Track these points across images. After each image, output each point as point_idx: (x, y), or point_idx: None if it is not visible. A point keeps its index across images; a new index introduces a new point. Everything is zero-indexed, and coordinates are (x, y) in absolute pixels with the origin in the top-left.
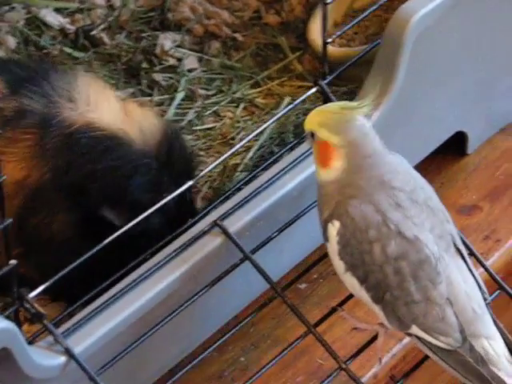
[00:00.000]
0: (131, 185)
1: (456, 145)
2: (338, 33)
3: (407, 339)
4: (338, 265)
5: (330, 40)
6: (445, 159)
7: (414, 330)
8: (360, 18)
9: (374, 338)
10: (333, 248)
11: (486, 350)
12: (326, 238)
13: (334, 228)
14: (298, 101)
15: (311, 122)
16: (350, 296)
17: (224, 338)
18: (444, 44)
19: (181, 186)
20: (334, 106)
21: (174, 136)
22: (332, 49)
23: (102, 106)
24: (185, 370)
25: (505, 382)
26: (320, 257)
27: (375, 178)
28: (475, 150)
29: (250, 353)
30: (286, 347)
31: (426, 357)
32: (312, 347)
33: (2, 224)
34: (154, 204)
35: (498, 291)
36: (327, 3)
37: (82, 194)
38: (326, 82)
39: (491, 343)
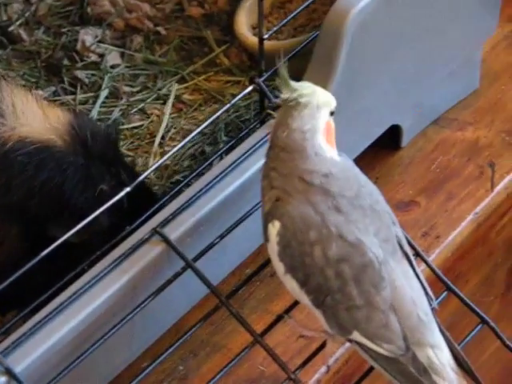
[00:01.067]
0: (66, 191)
1: (389, 138)
2: (275, 28)
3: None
4: (278, 266)
5: (266, 36)
6: (378, 153)
7: (356, 336)
8: (297, 11)
9: (322, 345)
10: (273, 249)
11: (430, 359)
12: (266, 237)
13: (274, 228)
14: (236, 99)
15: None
16: (295, 303)
17: (171, 350)
18: (379, 37)
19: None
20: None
21: (82, 123)
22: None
23: (29, 116)
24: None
25: None
26: (264, 262)
27: (309, 173)
28: (409, 143)
29: (188, 361)
30: (225, 354)
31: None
32: (253, 354)
33: None
34: (96, 202)
35: (446, 292)
36: None
37: (26, 213)
38: (262, 79)
39: (436, 352)
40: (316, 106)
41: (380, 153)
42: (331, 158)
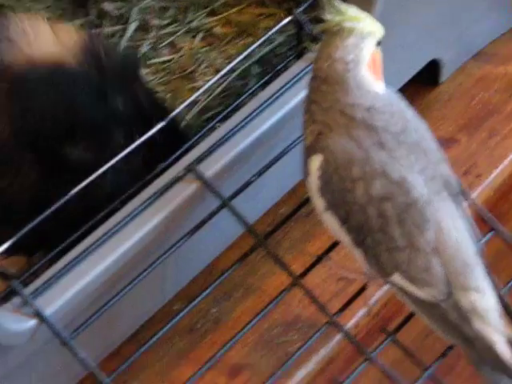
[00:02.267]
0: (78, 108)
1: (428, 74)
2: None
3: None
4: (318, 202)
5: None
6: (417, 89)
7: (396, 278)
8: None
9: (361, 288)
10: (313, 184)
11: (473, 304)
12: (306, 172)
13: (315, 162)
14: (272, 31)
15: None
16: (333, 244)
17: (206, 293)
18: None
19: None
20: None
21: (96, 42)
22: None
23: (40, 40)
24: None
25: (491, 340)
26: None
27: (352, 105)
28: (448, 78)
29: (222, 303)
30: (260, 296)
31: None
32: (288, 296)
33: None
34: (110, 121)
35: (492, 232)
36: None
37: (40, 137)
38: (300, 10)
39: (481, 297)
40: (361, 33)
41: (418, 88)
42: (375, 92)
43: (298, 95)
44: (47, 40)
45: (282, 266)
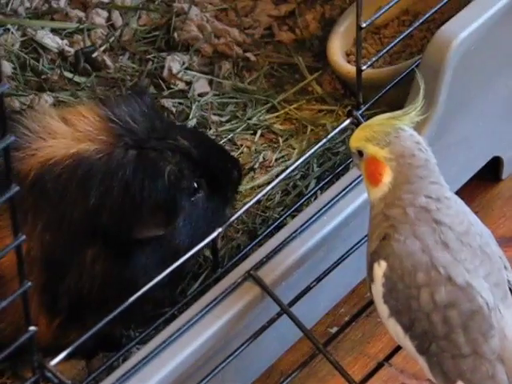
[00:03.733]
0: (132, 191)
1: (489, 170)
2: (374, 59)
3: None
4: (382, 309)
5: (364, 67)
6: (477, 185)
7: None
8: (396, 41)
9: None
10: (377, 290)
11: None
12: (371, 278)
13: (380, 269)
14: (332, 133)
15: (357, 138)
16: (396, 349)
17: None
18: (480, 65)
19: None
20: (379, 118)
21: (114, 112)
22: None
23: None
24: None
25: None
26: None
27: (421, 196)
28: (510, 175)
29: None
30: None
31: None
32: None
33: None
34: (169, 186)
35: None
36: (363, 28)
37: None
38: (360, 112)
39: None
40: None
41: (479, 185)
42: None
43: (358, 198)
44: (61, 132)
45: (341, 372)
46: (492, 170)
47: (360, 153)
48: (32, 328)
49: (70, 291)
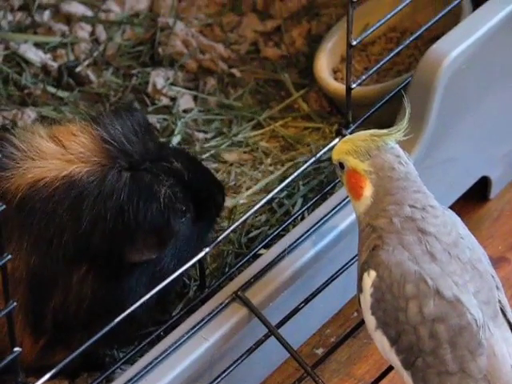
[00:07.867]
0: (126, 213)
1: (477, 189)
2: (364, 77)
3: None
4: (369, 320)
5: (354, 86)
6: (465, 205)
7: None
8: (384, 60)
9: None
10: (366, 300)
11: None
12: (359, 288)
13: (369, 278)
14: (321, 153)
15: (339, 151)
16: (383, 374)
17: None
18: (471, 85)
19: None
20: (363, 133)
21: (106, 133)
22: (343, 87)
23: (45, 154)
24: None
25: None
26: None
27: (406, 206)
28: (498, 194)
29: None
30: None
31: None
32: None
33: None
34: (164, 208)
35: None
36: (353, 46)
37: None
38: (349, 131)
39: None
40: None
41: (467, 205)
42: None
43: (346, 219)
44: (51, 153)
45: None
46: (480, 190)
47: (341, 165)
48: (16, 349)
49: (56, 312)
